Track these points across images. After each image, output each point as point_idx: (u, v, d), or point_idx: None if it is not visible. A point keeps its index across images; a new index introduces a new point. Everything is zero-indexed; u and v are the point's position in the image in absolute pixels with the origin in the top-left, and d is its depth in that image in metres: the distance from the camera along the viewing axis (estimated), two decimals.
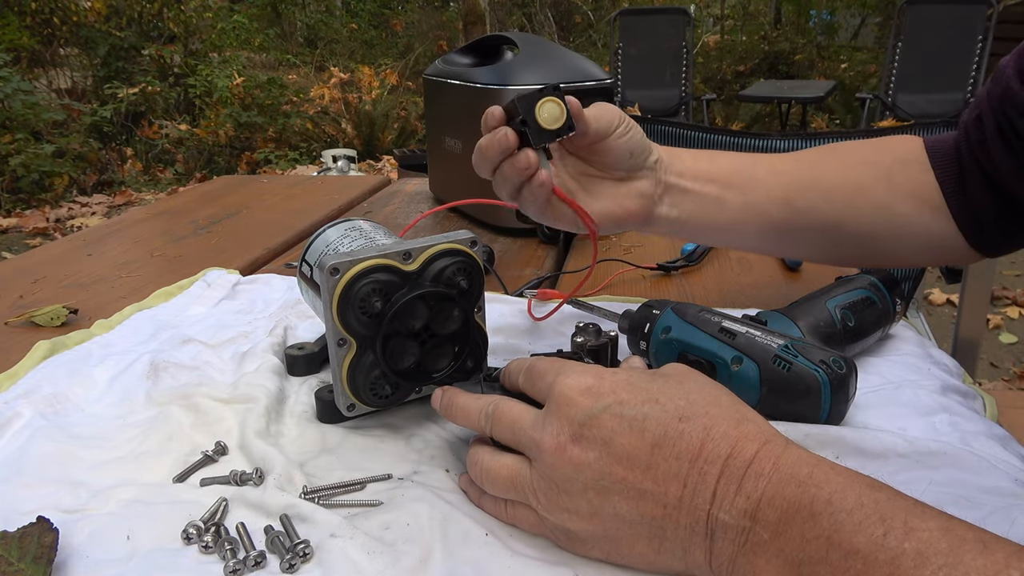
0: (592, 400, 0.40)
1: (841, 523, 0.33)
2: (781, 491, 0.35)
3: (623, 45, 5.19)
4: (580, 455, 0.39)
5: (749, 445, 0.37)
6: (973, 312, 1.41)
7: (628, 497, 0.38)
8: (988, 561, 0.30)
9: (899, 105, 4.79)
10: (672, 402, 0.39)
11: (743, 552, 0.35)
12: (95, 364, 0.65)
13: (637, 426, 0.38)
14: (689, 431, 0.37)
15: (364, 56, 8.33)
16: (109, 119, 5.73)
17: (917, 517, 0.32)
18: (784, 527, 0.34)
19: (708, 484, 0.36)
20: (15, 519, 0.44)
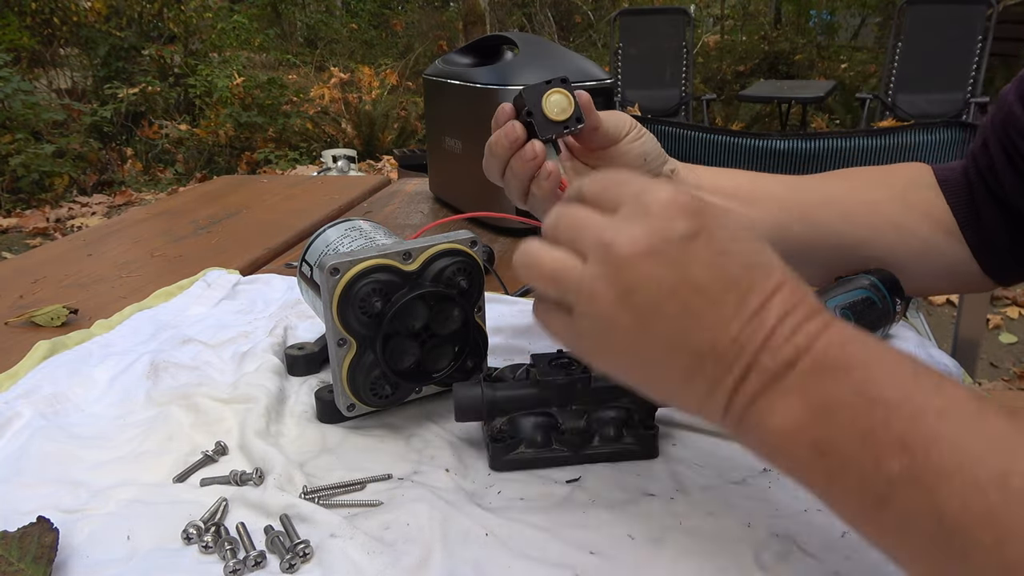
0: (684, 220, 0.37)
1: (874, 377, 0.34)
2: (825, 348, 0.35)
3: (623, 45, 5.19)
4: (653, 270, 0.37)
5: (805, 309, 0.37)
6: (973, 312, 1.41)
7: (681, 325, 0.37)
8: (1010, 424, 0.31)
9: (899, 105, 4.79)
10: (752, 248, 0.38)
11: (766, 394, 0.36)
12: (95, 364, 0.65)
13: (719, 261, 0.37)
14: (763, 281, 0.37)
15: (364, 56, 8.33)
16: (109, 119, 5.73)
17: (949, 383, 0.33)
18: (816, 376, 0.35)
19: (764, 332, 0.36)
20: (15, 519, 0.44)
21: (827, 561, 0.41)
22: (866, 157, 1.19)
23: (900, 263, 0.65)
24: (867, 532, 0.34)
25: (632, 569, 0.41)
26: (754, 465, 0.50)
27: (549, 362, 0.53)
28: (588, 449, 0.50)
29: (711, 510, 0.46)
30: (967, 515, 0.29)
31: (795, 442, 0.35)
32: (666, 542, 0.43)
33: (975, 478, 0.30)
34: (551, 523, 0.45)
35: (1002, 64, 5.45)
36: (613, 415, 0.51)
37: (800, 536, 0.43)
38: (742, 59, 7.65)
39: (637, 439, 0.51)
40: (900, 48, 4.77)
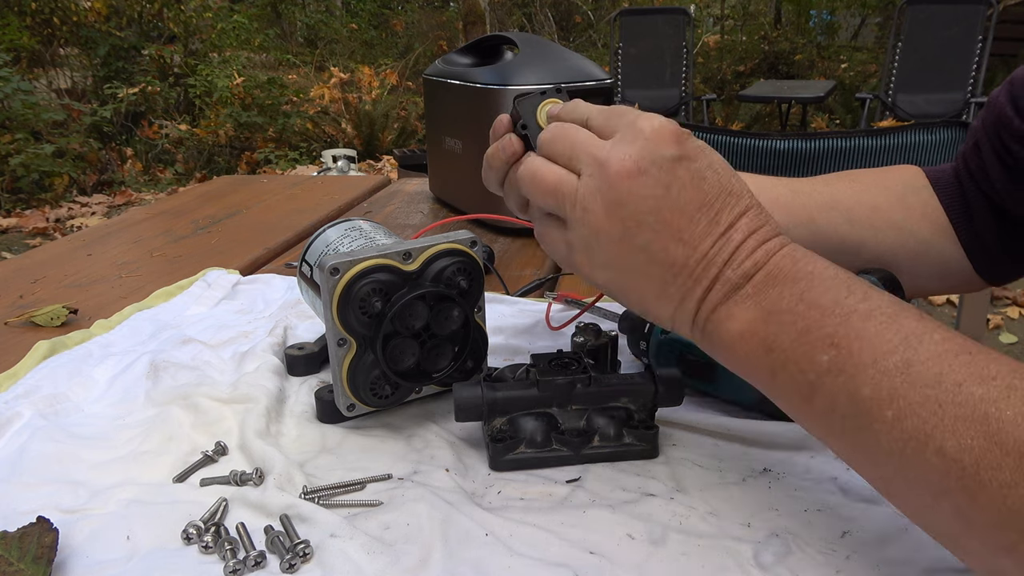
0: (670, 144, 0.42)
1: (814, 285, 0.39)
2: (779, 262, 0.41)
3: (623, 45, 5.19)
4: (639, 188, 0.42)
5: (767, 231, 0.42)
6: (973, 312, 1.41)
7: (662, 237, 0.42)
8: (920, 324, 0.36)
9: (899, 105, 4.79)
10: (726, 177, 0.43)
11: (727, 302, 0.41)
12: (95, 364, 0.65)
13: (697, 184, 0.42)
14: (732, 205, 0.42)
15: (364, 56, 8.33)
16: (109, 119, 5.73)
17: (875, 292, 0.39)
18: (768, 286, 0.40)
19: (730, 248, 0.41)
20: (15, 519, 0.44)
21: (827, 561, 0.41)
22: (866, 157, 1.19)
23: (899, 264, 0.65)
24: (801, 419, 0.40)
25: (632, 569, 0.41)
26: (754, 465, 0.50)
27: (549, 362, 0.53)
28: (588, 449, 0.50)
29: (711, 510, 0.46)
30: (876, 396, 0.35)
31: (748, 342, 0.41)
32: (666, 542, 0.43)
33: (885, 367, 0.35)
34: (551, 523, 0.45)
35: (1002, 64, 5.45)
36: (613, 415, 0.51)
37: (800, 536, 0.43)
38: (742, 59, 7.66)
39: (637, 439, 0.51)
40: (900, 48, 4.77)
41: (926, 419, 0.33)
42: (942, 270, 0.66)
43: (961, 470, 0.32)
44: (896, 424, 0.34)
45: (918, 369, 0.35)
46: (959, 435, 0.32)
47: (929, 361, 0.35)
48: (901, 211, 0.65)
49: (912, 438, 0.34)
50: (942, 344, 0.35)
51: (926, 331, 0.36)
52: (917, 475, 0.34)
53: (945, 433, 0.33)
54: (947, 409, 0.33)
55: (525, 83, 0.94)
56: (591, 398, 0.51)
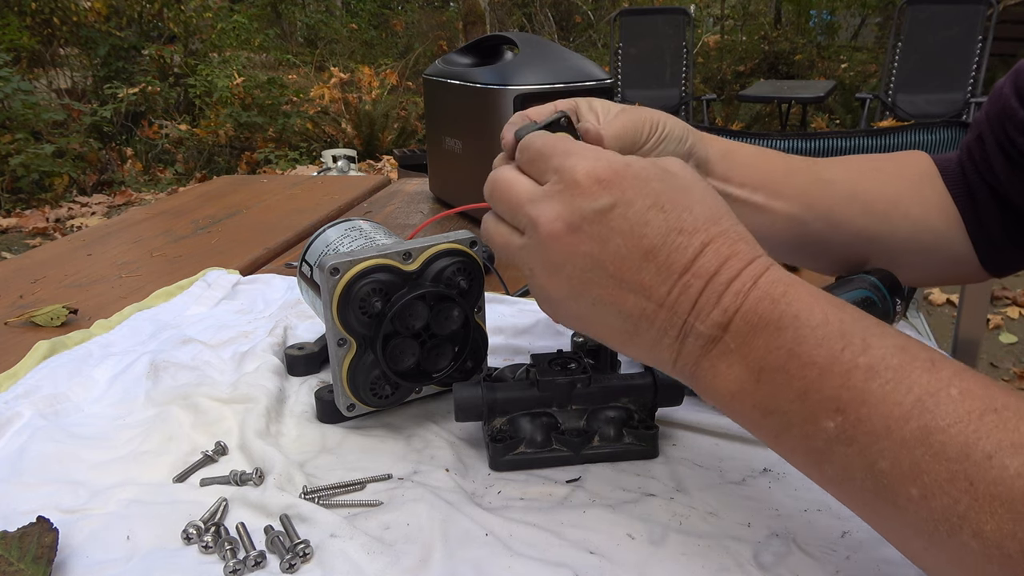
0: (600, 192, 0.38)
1: (804, 337, 0.35)
2: (755, 307, 0.37)
3: (623, 45, 5.19)
4: (575, 244, 0.39)
5: (736, 263, 0.38)
6: (973, 312, 1.41)
7: (611, 291, 0.39)
8: (932, 378, 0.32)
9: (899, 105, 4.79)
10: (676, 212, 0.38)
11: (708, 356, 0.38)
12: (95, 364, 0.65)
13: (637, 231, 0.38)
14: (684, 245, 0.38)
15: (364, 56, 8.33)
16: (109, 119, 5.73)
17: (876, 336, 0.35)
18: (751, 338, 0.36)
19: (690, 296, 0.38)
20: (15, 519, 0.44)
21: (827, 561, 0.41)
22: None
23: (910, 257, 0.65)
24: (816, 481, 0.36)
25: (632, 569, 0.41)
26: (754, 465, 0.50)
27: (549, 362, 0.53)
28: (588, 449, 0.50)
29: (711, 510, 0.46)
30: (897, 471, 0.32)
31: (741, 403, 0.37)
32: (666, 542, 0.43)
33: (902, 436, 0.32)
34: (551, 523, 0.45)
35: (1002, 64, 5.45)
36: (613, 415, 0.51)
37: (800, 536, 0.43)
38: (742, 59, 7.66)
39: (637, 439, 0.51)
40: (900, 48, 4.77)
41: (957, 499, 0.30)
42: (950, 262, 0.65)
43: (1006, 558, 0.29)
44: (924, 503, 0.31)
45: (940, 439, 0.31)
46: (998, 518, 0.29)
47: (951, 428, 0.31)
48: (919, 205, 0.64)
49: (944, 519, 0.30)
50: (961, 403, 0.31)
51: (940, 386, 0.32)
52: (952, 556, 0.31)
53: (982, 515, 0.29)
54: (980, 487, 0.30)
55: (525, 83, 0.94)
56: (591, 398, 0.51)
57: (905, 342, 0.35)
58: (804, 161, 0.63)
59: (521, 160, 0.44)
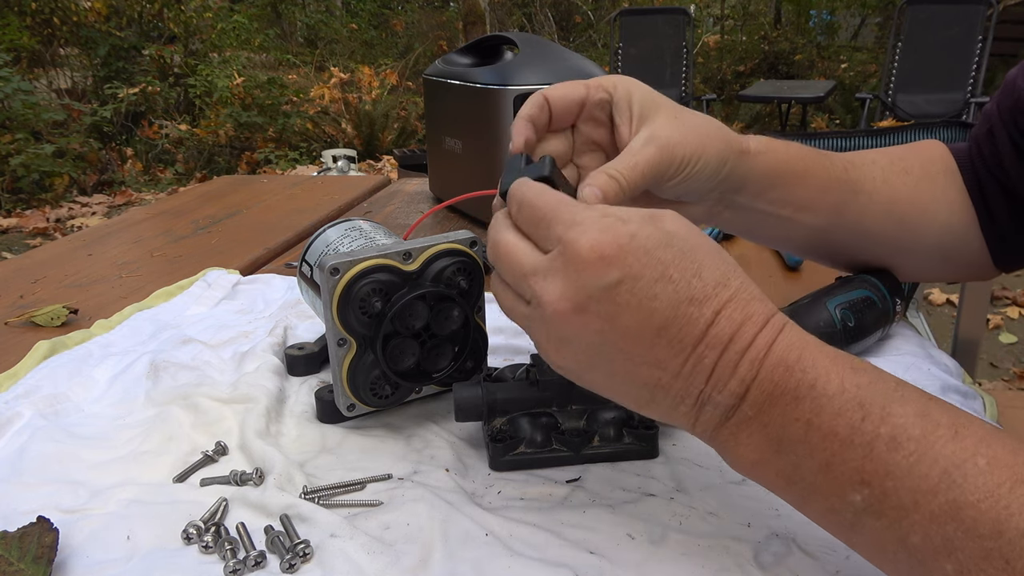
0: (606, 269, 0.37)
1: (822, 407, 0.34)
2: (771, 374, 0.36)
3: (623, 45, 5.19)
4: (583, 324, 0.38)
5: (750, 328, 0.37)
6: (973, 312, 1.41)
7: (624, 364, 0.38)
8: (958, 447, 0.32)
9: (899, 105, 4.78)
10: (684, 281, 0.37)
11: (727, 425, 0.37)
12: (95, 364, 0.65)
13: (646, 306, 0.37)
14: (697, 316, 0.37)
15: (364, 56, 8.33)
16: (109, 119, 5.73)
17: (896, 402, 0.34)
18: (769, 407, 0.36)
19: (706, 367, 0.37)
20: (15, 519, 0.44)
21: (827, 561, 0.41)
22: None
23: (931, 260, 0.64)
24: (851, 548, 0.36)
25: (632, 569, 0.41)
26: None
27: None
28: (588, 449, 0.50)
29: (711, 510, 0.46)
30: (929, 546, 0.31)
31: (764, 471, 0.37)
32: (666, 542, 0.43)
33: (931, 511, 0.31)
34: (551, 523, 0.45)
35: (1002, 64, 5.45)
36: (613, 415, 0.51)
37: (800, 536, 0.43)
38: (742, 59, 7.66)
39: (637, 439, 0.51)
40: (900, 48, 4.77)
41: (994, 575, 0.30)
42: (966, 262, 0.65)
43: None
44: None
45: (971, 514, 0.30)
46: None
47: (981, 503, 0.30)
48: (945, 211, 0.63)
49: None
50: (990, 474, 0.31)
51: (967, 456, 0.31)
52: None
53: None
54: (1017, 566, 0.29)
55: (525, 83, 0.94)
56: (591, 398, 0.51)
57: (926, 406, 0.34)
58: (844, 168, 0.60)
59: (519, 219, 0.42)
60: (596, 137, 0.52)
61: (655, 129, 0.49)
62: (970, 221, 0.63)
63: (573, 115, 0.51)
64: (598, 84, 0.50)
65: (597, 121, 0.52)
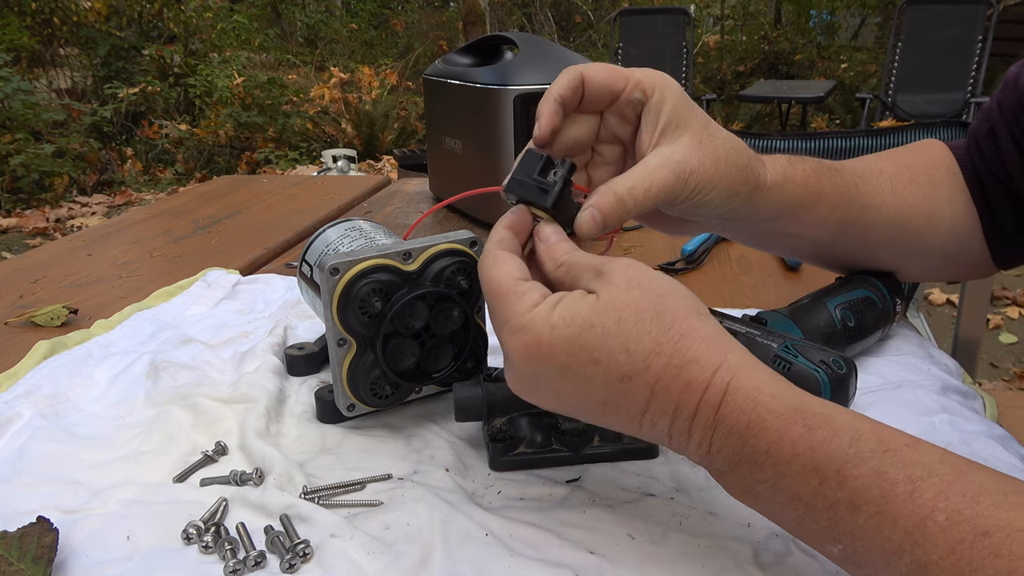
0: (535, 365, 0.40)
1: (782, 473, 0.35)
2: (725, 441, 0.37)
3: (623, 45, 5.19)
4: (538, 398, 0.42)
5: (691, 396, 0.38)
6: (973, 312, 1.41)
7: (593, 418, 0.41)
8: (916, 506, 0.32)
9: (899, 105, 4.79)
10: (612, 359, 0.38)
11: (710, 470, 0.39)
12: (95, 364, 0.65)
13: (584, 389, 0.39)
14: (633, 391, 0.38)
15: (364, 56, 8.33)
16: (109, 119, 5.73)
17: (850, 463, 0.34)
18: (735, 467, 0.37)
19: (661, 431, 0.39)
20: (15, 519, 0.44)
21: (827, 561, 0.41)
22: None
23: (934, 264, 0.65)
24: None
25: (632, 569, 0.41)
26: None
27: None
28: (588, 449, 0.50)
29: (711, 510, 0.46)
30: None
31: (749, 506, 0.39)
32: (666, 542, 0.43)
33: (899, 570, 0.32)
34: (551, 523, 0.45)
35: (1002, 64, 5.45)
36: None
37: None
38: (742, 59, 7.65)
39: (637, 439, 0.51)
40: (900, 48, 4.76)
41: None
42: (967, 262, 0.65)
43: None
44: None
45: (935, 573, 0.31)
46: None
47: (943, 561, 0.31)
48: (949, 217, 0.62)
49: None
50: (950, 530, 0.31)
51: (926, 514, 0.32)
52: None
53: None
54: None
55: (525, 83, 0.94)
56: None
57: (881, 463, 0.33)
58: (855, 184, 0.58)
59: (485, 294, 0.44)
60: (620, 132, 0.51)
61: (675, 151, 0.47)
62: (972, 223, 0.63)
63: (605, 104, 0.49)
64: (638, 82, 0.48)
65: (625, 118, 0.50)
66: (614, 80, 0.48)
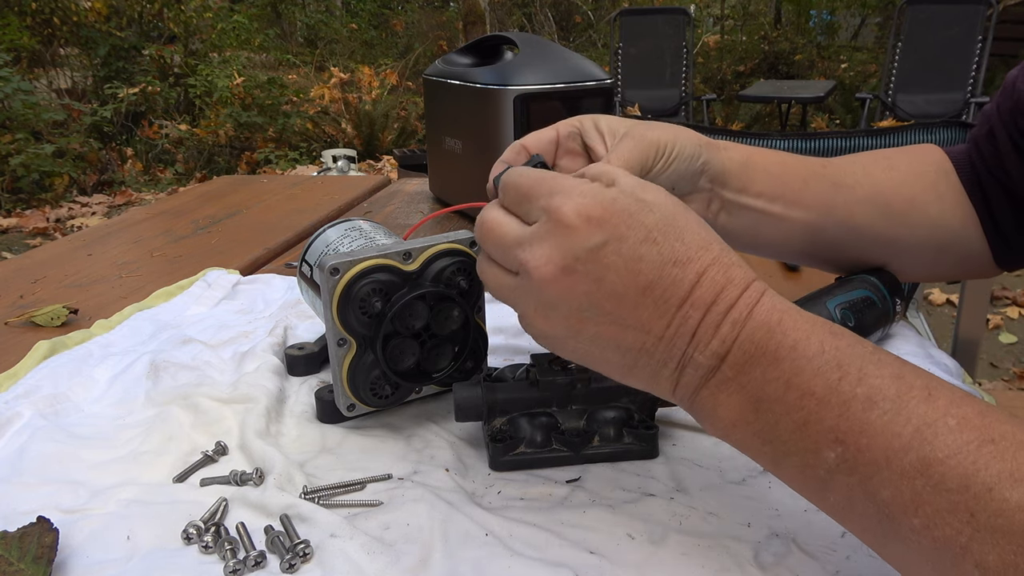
0: (592, 231, 0.38)
1: (801, 368, 0.35)
2: (751, 335, 0.37)
3: (623, 45, 5.19)
4: (569, 286, 0.39)
5: (733, 291, 0.38)
6: (973, 312, 1.41)
7: (609, 328, 0.39)
8: (930, 408, 0.33)
9: (899, 105, 4.79)
10: (668, 243, 0.38)
11: (707, 386, 0.38)
12: (95, 364, 0.65)
13: (632, 267, 0.38)
14: (680, 277, 0.38)
15: (364, 56, 8.33)
16: (109, 119, 5.73)
17: (872, 364, 0.35)
18: (749, 367, 0.37)
19: (689, 327, 0.38)
20: (15, 519, 0.44)
21: (827, 561, 0.41)
22: None
23: (927, 254, 0.65)
24: (820, 508, 0.37)
25: (632, 569, 0.41)
26: (754, 465, 0.50)
27: (549, 362, 0.53)
28: (588, 449, 0.50)
29: (711, 510, 0.46)
30: (898, 501, 0.32)
31: (741, 431, 0.38)
32: (666, 542, 0.43)
33: (902, 467, 0.32)
34: (551, 523, 0.45)
35: (1002, 64, 5.45)
36: (613, 415, 0.51)
37: (800, 536, 0.43)
38: (742, 59, 7.66)
39: (637, 439, 0.51)
40: (900, 48, 4.77)
41: (960, 530, 0.30)
42: (963, 258, 0.65)
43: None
44: (926, 532, 0.31)
45: (939, 470, 0.31)
46: (1001, 550, 0.29)
47: (949, 459, 0.31)
48: (936, 203, 0.63)
49: (946, 548, 0.31)
50: (959, 433, 0.32)
51: (938, 416, 0.32)
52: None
53: (984, 547, 0.30)
54: (981, 519, 0.30)
55: (525, 83, 0.94)
56: (591, 398, 0.51)
57: (900, 369, 0.35)
58: (821, 165, 0.62)
59: (506, 200, 0.43)
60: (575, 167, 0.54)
61: (628, 130, 0.52)
62: (965, 217, 0.64)
63: (551, 155, 0.54)
64: (566, 122, 0.54)
65: (573, 153, 0.54)
66: (545, 132, 0.53)
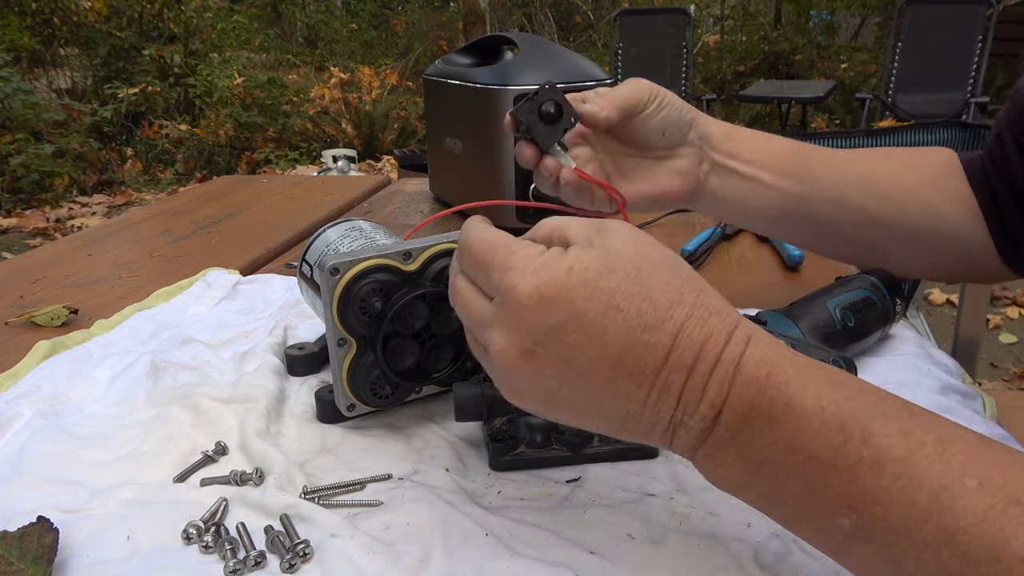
0: (548, 311, 0.35)
1: (801, 429, 0.33)
2: (740, 395, 0.34)
3: (623, 45, 5.19)
4: (535, 370, 0.36)
5: (714, 347, 0.35)
6: (973, 312, 1.41)
7: (587, 402, 0.36)
8: (945, 468, 0.30)
9: (899, 105, 4.79)
10: (634, 307, 0.35)
11: (703, 447, 0.36)
12: (95, 364, 0.65)
13: (598, 342, 0.35)
14: (653, 342, 0.34)
15: (364, 56, 8.33)
16: (109, 119, 5.73)
17: (877, 420, 0.32)
18: (745, 429, 0.34)
19: (673, 393, 0.35)
20: (15, 519, 0.44)
21: (827, 561, 0.41)
22: None
23: (925, 246, 0.65)
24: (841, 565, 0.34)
25: (632, 569, 0.41)
26: None
27: None
28: (588, 449, 0.50)
29: (711, 510, 0.46)
30: (924, 572, 0.30)
31: (747, 493, 0.36)
32: (666, 542, 0.43)
33: (923, 538, 0.30)
34: (551, 523, 0.45)
35: (1002, 64, 5.45)
36: None
37: None
38: (742, 59, 7.66)
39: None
40: (900, 48, 4.77)
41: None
42: (967, 257, 0.65)
43: None
44: None
45: (964, 540, 0.29)
46: None
47: (974, 528, 0.29)
48: (933, 194, 0.64)
49: None
50: (981, 496, 0.29)
51: (955, 477, 0.30)
52: None
53: None
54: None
55: (525, 83, 0.94)
56: None
57: (909, 423, 0.32)
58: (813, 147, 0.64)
59: (464, 266, 0.40)
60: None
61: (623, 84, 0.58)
62: (967, 212, 0.64)
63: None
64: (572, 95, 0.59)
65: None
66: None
